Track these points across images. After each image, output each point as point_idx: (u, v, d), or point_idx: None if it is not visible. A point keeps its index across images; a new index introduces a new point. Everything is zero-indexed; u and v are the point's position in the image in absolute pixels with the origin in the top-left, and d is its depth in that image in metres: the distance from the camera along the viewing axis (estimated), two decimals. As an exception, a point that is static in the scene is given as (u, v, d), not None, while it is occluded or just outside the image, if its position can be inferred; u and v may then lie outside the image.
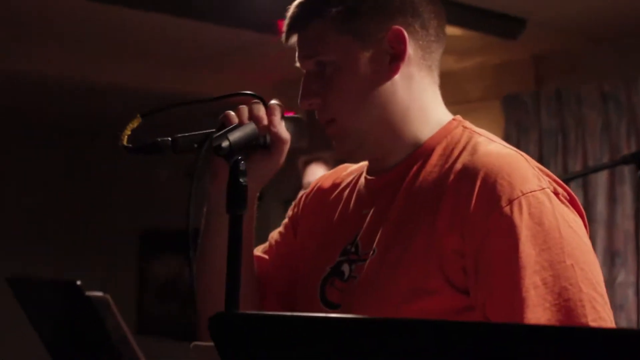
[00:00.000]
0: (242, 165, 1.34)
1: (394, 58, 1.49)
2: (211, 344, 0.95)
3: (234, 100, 1.53)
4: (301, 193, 3.73)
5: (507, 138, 4.92)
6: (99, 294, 2.90)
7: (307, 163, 3.79)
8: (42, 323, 3.12)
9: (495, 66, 5.19)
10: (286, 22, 1.55)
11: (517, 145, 4.85)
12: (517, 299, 1.28)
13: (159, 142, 1.38)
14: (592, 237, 4.29)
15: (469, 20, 4.32)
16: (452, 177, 1.40)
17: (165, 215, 7.72)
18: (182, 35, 5.00)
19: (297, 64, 1.56)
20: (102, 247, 8.14)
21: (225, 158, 1.35)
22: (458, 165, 1.41)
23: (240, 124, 1.47)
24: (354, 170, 1.70)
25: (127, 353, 2.95)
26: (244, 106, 1.51)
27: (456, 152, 1.45)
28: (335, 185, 1.69)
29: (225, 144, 1.35)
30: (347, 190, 1.65)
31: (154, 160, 7.77)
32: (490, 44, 4.86)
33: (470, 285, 1.35)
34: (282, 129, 1.51)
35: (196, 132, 1.43)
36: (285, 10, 1.57)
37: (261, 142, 1.50)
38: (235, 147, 1.35)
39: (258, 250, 1.73)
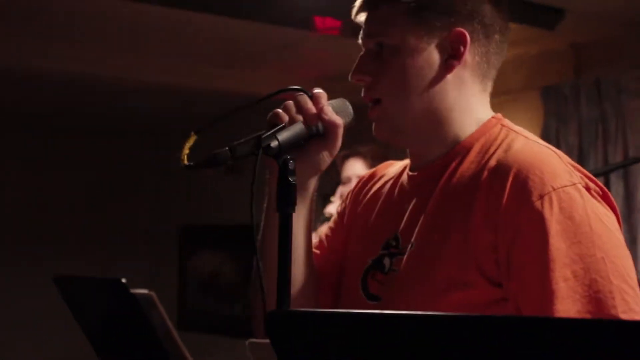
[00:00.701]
0: (291, 164, 1.37)
1: (451, 58, 1.54)
2: (267, 340, 0.97)
3: (277, 98, 1.55)
4: (340, 187, 3.76)
5: (546, 129, 4.89)
6: (144, 291, 2.94)
7: (346, 158, 3.81)
8: (88, 321, 3.17)
9: (534, 57, 5.16)
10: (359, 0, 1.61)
11: (557, 136, 4.83)
12: (547, 291, 1.32)
13: (217, 154, 1.40)
14: (636, 226, 4.26)
15: (516, 12, 4.30)
16: (485, 173, 1.46)
17: (204, 210, 7.80)
18: (222, 33, 5.02)
19: (360, 41, 1.62)
20: (142, 244, 8.20)
21: (274, 157, 1.37)
22: (492, 162, 1.47)
23: (291, 121, 1.51)
24: (397, 166, 1.76)
25: (171, 348, 2.99)
26: (290, 101, 1.55)
27: (492, 149, 1.50)
28: (378, 181, 1.75)
29: (274, 143, 1.37)
30: (388, 185, 1.70)
31: (192, 154, 7.85)
32: (528, 35, 4.83)
33: (503, 278, 1.39)
34: (333, 115, 1.55)
35: (250, 137, 1.47)
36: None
37: (314, 131, 1.53)
38: (284, 147, 1.37)
39: None
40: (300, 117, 1.53)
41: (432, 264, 1.46)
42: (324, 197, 4.29)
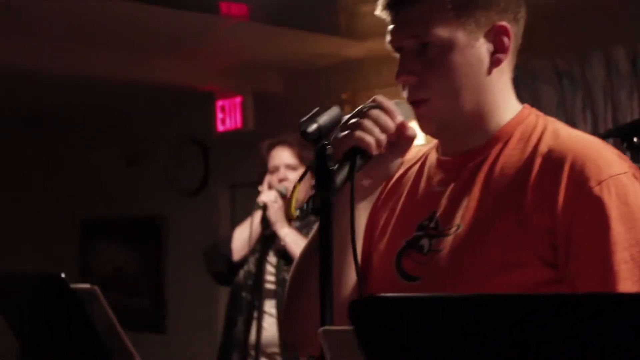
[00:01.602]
0: (329, 149, 1.34)
1: (498, 52, 1.57)
2: (341, 328, 0.97)
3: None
4: (267, 176, 3.73)
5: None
6: (86, 286, 2.84)
7: (272, 147, 3.80)
8: (18, 318, 3.03)
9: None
10: None
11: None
12: (609, 273, 1.39)
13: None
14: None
15: None
16: (537, 159, 1.51)
17: (105, 203, 7.67)
18: (131, 20, 4.94)
19: (389, 38, 1.60)
20: (42, 238, 8.01)
21: (312, 142, 1.34)
22: (542, 148, 1.52)
23: (378, 143, 1.53)
24: (420, 150, 1.77)
25: (114, 344, 2.89)
26: (367, 121, 1.53)
27: (535, 137, 1.56)
28: (402, 165, 1.74)
29: (312, 127, 1.33)
30: (415, 169, 1.72)
31: (91, 145, 7.65)
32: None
33: (560, 261, 1.45)
34: (410, 127, 1.59)
35: (345, 167, 1.48)
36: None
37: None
38: (324, 131, 1.34)
39: None
40: (383, 137, 1.53)
41: (483, 245, 1.50)
42: (251, 186, 4.26)
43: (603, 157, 1.48)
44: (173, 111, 6.99)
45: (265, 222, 3.66)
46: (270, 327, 3.59)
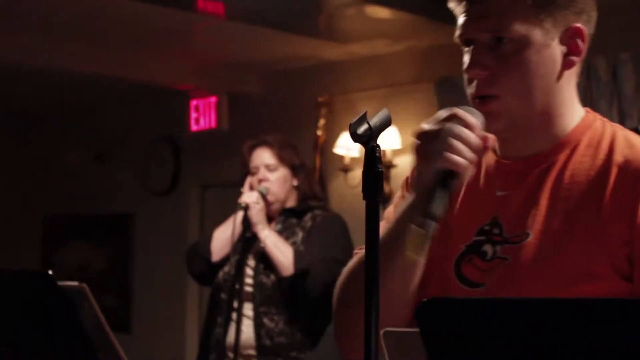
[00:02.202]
0: (379, 151, 1.31)
1: (570, 54, 1.55)
2: (406, 329, 0.98)
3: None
4: (249, 177, 3.73)
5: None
6: (75, 283, 2.81)
7: (253, 148, 3.79)
8: (4, 315, 3.00)
9: (426, 49, 5.25)
10: None
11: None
12: None
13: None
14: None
15: (410, 3, 4.38)
16: (614, 169, 1.49)
17: (70, 200, 7.59)
18: (107, 15, 4.90)
19: (459, 31, 1.56)
20: (3, 235, 7.91)
21: (363, 143, 1.32)
22: (618, 158, 1.50)
23: (470, 161, 1.47)
24: None
25: (103, 343, 2.87)
26: (455, 141, 1.46)
27: (605, 144, 1.53)
28: None
29: (363, 128, 1.31)
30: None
31: (61, 141, 7.56)
32: (421, 28, 4.91)
33: (636, 274, 1.43)
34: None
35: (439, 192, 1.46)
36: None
37: None
38: (375, 132, 1.32)
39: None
40: (474, 156, 1.47)
41: (557, 255, 1.47)
42: (222, 186, 4.25)
43: None
44: (147, 109, 6.95)
45: (246, 223, 3.64)
46: (247, 329, 3.58)
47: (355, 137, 1.32)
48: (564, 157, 1.55)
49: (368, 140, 1.31)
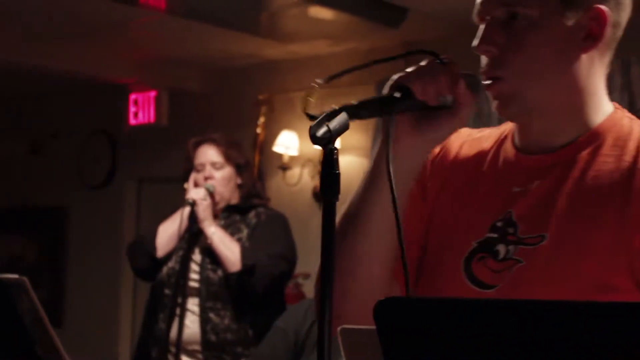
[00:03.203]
0: (336, 154, 1.31)
1: (589, 37, 1.44)
2: (363, 327, 0.96)
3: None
4: (193, 174, 3.72)
5: (378, 122, 5.02)
6: (14, 276, 2.78)
7: (198, 144, 3.80)
8: None
9: (367, 51, 5.29)
10: None
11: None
12: None
13: (337, 110, 1.33)
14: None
15: (352, 5, 4.42)
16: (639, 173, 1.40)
17: (2, 191, 7.50)
18: (47, 5, 4.85)
19: (476, 10, 1.47)
20: None
21: (322, 146, 1.31)
22: None
23: (424, 90, 1.40)
24: (485, 137, 1.62)
25: (40, 336, 2.83)
26: (424, 67, 1.41)
27: (632, 144, 1.43)
28: (466, 151, 1.61)
29: (322, 131, 1.32)
30: (487, 160, 1.58)
31: None
32: (362, 30, 4.95)
33: None
34: (466, 90, 1.42)
35: (376, 97, 1.41)
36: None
37: (443, 103, 1.42)
38: (334, 135, 1.32)
39: None
40: (433, 86, 1.40)
41: (575, 263, 1.39)
42: (159, 181, 4.25)
43: None
44: (85, 101, 6.88)
45: (192, 219, 3.65)
46: (192, 324, 3.58)
47: (315, 140, 1.28)
48: (587, 155, 1.45)
49: (327, 143, 1.32)
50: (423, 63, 1.42)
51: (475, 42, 1.44)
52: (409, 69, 1.41)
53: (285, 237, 3.67)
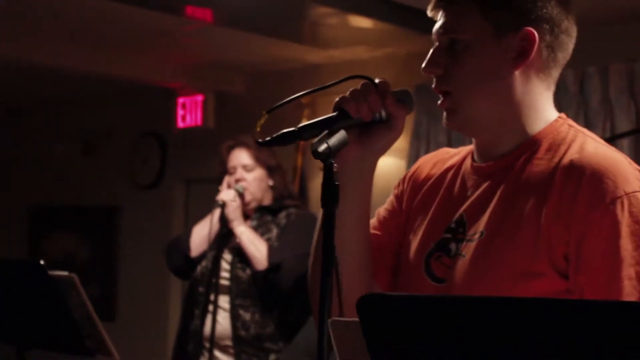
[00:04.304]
0: (335, 167, 1.48)
1: (519, 56, 1.63)
2: (350, 319, 1.06)
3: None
4: (226, 177, 3.83)
5: (417, 126, 5.16)
6: (64, 273, 2.97)
7: (231, 148, 3.92)
8: None
9: (404, 56, 5.40)
10: None
11: (427, 133, 5.11)
12: (614, 287, 1.47)
13: (287, 133, 1.52)
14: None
15: (388, 14, 4.55)
16: (559, 171, 1.56)
17: (57, 191, 7.68)
18: (98, 16, 5.03)
19: (433, 36, 1.69)
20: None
21: (322, 160, 1.49)
22: (565, 161, 1.57)
23: (357, 108, 1.62)
24: (455, 154, 1.84)
25: (90, 331, 3.03)
26: (357, 89, 1.64)
27: (563, 148, 1.61)
28: (438, 167, 1.82)
29: (322, 147, 1.49)
30: (451, 172, 1.78)
31: (50, 134, 7.64)
32: (399, 36, 5.06)
33: (571, 272, 1.51)
34: (396, 104, 1.66)
35: (318, 119, 1.60)
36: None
37: (377, 118, 1.65)
38: (333, 151, 1.50)
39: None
40: (365, 105, 1.63)
41: (504, 254, 1.56)
42: (206, 182, 4.39)
43: (621, 173, 1.51)
44: (135, 105, 7.03)
45: (224, 220, 3.77)
46: (223, 320, 3.70)
47: (316, 155, 1.48)
48: (524, 159, 1.63)
49: (327, 157, 1.49)
50: (357, 87, 1.64)
51: (423, 65, 1.66)
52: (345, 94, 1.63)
53: (313, 235, 3.77)
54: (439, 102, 1.68)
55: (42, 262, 2.92)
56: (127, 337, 6.57)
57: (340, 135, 1.54)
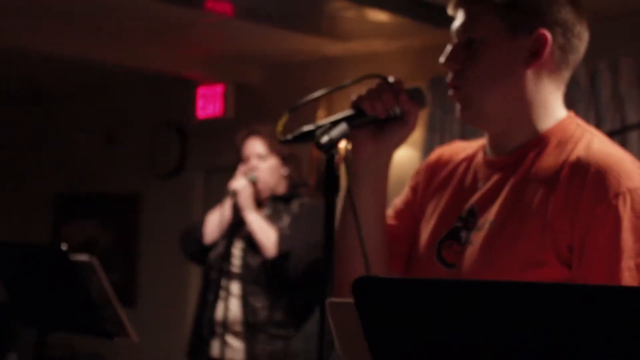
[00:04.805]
0: (337, 158, 1.58)
1: (532, 56, 1.73)
2: (347, 300, 1.10)
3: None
4: (241, 165, 3.88)
5: (432, 118, 5.23)
6: (85, 258, 3.06)
7: (246, 136, 3.95)
8: (17, 286, 3.24)
9: (420, 49, 5.45)
10: None
11: (441, 125, 5.18)
12: (614, 278, 1.55)
13: (307, 133, 1.62)
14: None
15: (404, 8, 4.62)
16: (566, 167, 1.65)
17: (80, 179, 7.78)
18: (120, 8, 5.12)
19: (452, 32, 1.78)
20: (16, 211, 8.10)
21: (324, 151, 1.59)
22: (572, 157, 1.66)
23: (373, 106, 1.72)
24: (468, 147, 1.93)
25: (110, 314, 3.11)
26: (372, 87, 1.74)
27: (570, 145, 1.70)
28: (451, 160, 1.92)
29: (324, 139, 1.59)
30: (463, 165, 1.88)
31: (73, 123, 7.72)
32: (415, 30, 5.12)
33: (574, 262, 1.60)
34: (409, 101, 1.76)
35: (335, 117, 1.70)
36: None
37: (392, 115, 1.75)
38: (334, 142, 1.59)
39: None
40: (379, 103, 1.73)
41: (511, 243, 1.65)
42: (226, 171, 4.45)
43: (624, 170, 1.60)
44: (156, 95, 7.08)
45: (236, 208, 3.81)
46: (234, 307, 3.76)
47: (318, 146, 1.59)
48: (534, 155, 1.71)
49: (328, 149, 1.59)
50: (373, 86, 1.74)
51: (441, 59, 1.76)
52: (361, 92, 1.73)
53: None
54: (450, 93, 1.77)
55: (63, 247, 3.00)
56: (148, 323, 6.64)
57: (341, 127, 1.63)
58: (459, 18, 1.77)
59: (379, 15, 4.97)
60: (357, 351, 1.13)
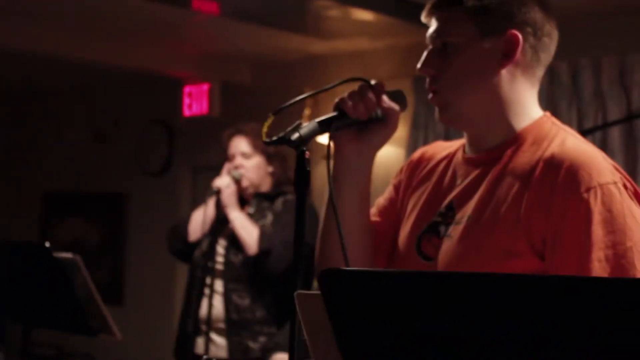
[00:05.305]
0: (307, 154, 1.61)
1: (505, 56, 1.78)
2: (315, 292, 1.12)
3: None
4: (226, 163, 3.91)
5: (416, 116, 5.26)
6: (69, 255, 3.08)
7: (231, 135, 3.98)
8: (2, 284, 3.25)
9: (405, 47, 5.48)
10: (430, 3, 1.83)
11: (425, 123, 5.22)
12: (584, 269, 1.61)
13: (288, 136, 1.64)
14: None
15: (389, 8, 4.65)
16: (541, 163, 1.71)
17: (68, 177, 7.78)
18: (106, 7, 5.13)
19: (427, 39, 1.84)
20: (4, 208, 8.12)
21: (294, 148, 1.62)
22: (547, 154, 1.71)
23: (355, 107, 1.75)
24: (449, 147, 1.99)
25: (93, 311, 3.13)
26: (354, 90, 1.78)
27: (545, 143, 1.75)
28: (433, 159, 1.98)
29: (295, 136, 1.62)
30: (443, 163, 1.94)
31: (61, 122, 7.72)
32: (400, 29, 5.14)
33: (547, 253, 1.66)
34: (390, 102, 1.81)
35: (319, 119, 1.73)
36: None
37: (374, 117, 1.79)
38: (304, 139, 1.62)
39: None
40: (361, 105, 1.77)
41: (487, 235, 1.72)
42: (213, 170, 4.47)
43: (596, 166, 1.65)
44: (143, 94, 7.11)
45: (219, 205, 3.84)
46: (218, 304, 3.78)
47: (289, 143, 1.62)
48: (510, 152, 1.77)
49: (298, 145, 1.62)
50: (355, 88, 1.78)
51: (418, 66, 1.82)
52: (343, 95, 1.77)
53: (308, 223, 3.81)
54: (429, 97, 1.83)
55: (47, 244, 3.02)
56: (135, 321, 6.65)
57: (312, 125, 1.66)
58: (433, 25, 1.82)
59: (363, 14, 5.00)
60: (324, 342, 1.14)
